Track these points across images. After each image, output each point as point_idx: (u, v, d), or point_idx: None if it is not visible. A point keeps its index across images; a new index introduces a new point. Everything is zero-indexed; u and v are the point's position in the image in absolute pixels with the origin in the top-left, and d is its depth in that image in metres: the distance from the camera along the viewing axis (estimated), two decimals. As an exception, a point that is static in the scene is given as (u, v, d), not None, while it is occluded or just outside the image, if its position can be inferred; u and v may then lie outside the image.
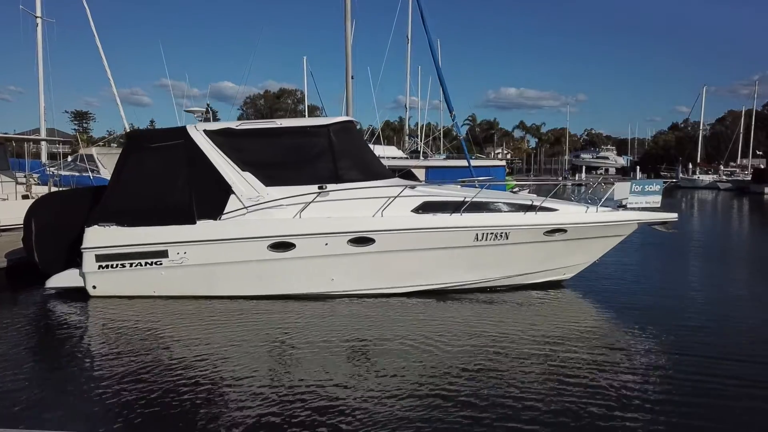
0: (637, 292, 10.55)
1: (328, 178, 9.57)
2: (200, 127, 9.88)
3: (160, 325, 8.31)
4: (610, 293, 10.45)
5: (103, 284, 9.59)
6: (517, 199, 9.93)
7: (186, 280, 9.48)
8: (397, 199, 9.40)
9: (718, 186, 60.70)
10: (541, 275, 10.24)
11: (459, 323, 8.42)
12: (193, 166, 9.62)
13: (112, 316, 8.78)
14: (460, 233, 9.39)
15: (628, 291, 10.64)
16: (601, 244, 10.25)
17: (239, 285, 9.50)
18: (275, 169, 9.69)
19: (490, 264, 9.76)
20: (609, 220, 9.78)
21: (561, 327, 8.26)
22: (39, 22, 23.05)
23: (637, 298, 10.04)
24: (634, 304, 9.66)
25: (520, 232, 9.52)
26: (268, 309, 9.04)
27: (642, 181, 10.12)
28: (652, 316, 8.85)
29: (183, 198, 9.45)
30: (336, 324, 8.39)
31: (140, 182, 9.69)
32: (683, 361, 6.87)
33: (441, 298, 9.67)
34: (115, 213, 9.51)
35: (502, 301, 9.70)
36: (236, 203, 9.48)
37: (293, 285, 9.49)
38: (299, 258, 9.33)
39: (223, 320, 8.48)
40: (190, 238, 9.36)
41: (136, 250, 9.42)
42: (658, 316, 8.81)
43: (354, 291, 9.62)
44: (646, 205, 9.99)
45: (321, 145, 9.83)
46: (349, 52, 14.22)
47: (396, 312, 8.98)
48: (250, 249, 9.32)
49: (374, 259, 9.42)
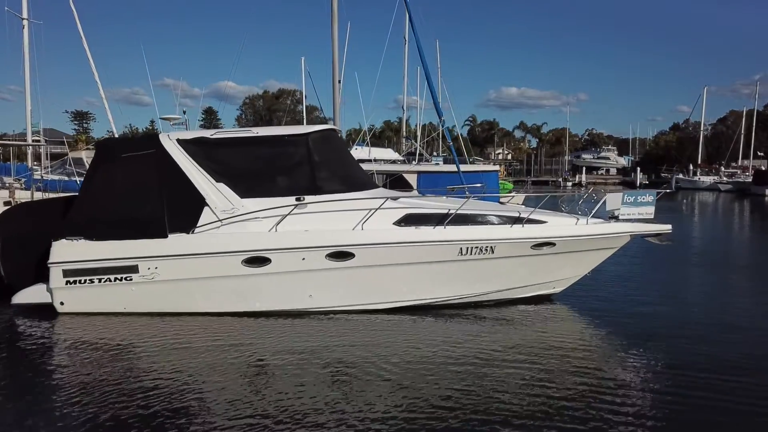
0: (631, 305, 10.14)
1: (306, 190, 9.16)
2: (173, 136, 9.47)
3: (130, 344, 7.97)
4: (603, 307, 10.03)
5: (72, 301, 9.19)
6: (505, 211, 9.51)
7: (157, 296, 9.08)
8: (378, 211, 8.99)
9: (718, 187, 60.31)
10: (529, 289, 9.82)
11: (444, 341, 8.05)
12: (166, 176, 9.21)
13: (80, 334, 8.44)
14: (443, 247, 8.98)
15: (622, 304, 10.24)
16: (592, 257, 9.83)
17: (213, 302, 9.10)
18: (251, 180, 9.29)
19: (475, 278, 9.35)
20: (599, 233, 9.37)
21: (550, 344, 7.93)
22: (25, 24, 22.70)
23: (632, 312, 9.64)
24: (628, 318, 9.28)
25: (506, 246, 9.11)
26: (243, 326, 8.67)
27: (635, 192, 9.69)
28: (646, 330, 8.53)
29: (154, 211, 9.05)
30: (314, 342, 8.02)
31: (110, 194, 9.28)
32: (680, 380, 6.58)
33: (425, 314, 9.26)
34: (84, 226, 9.11)
35: (489, 317, 9.30)
36: (210, 216, 9.08)
37: (269, 301, 9.09)
38: (275, 273, 8.93)
39: (196, 339, 8.12)
40: (162, 253, 8.96)
41: (106, 265, 9.02)
42: (653, 331, 8.49)
43: (333, 308, 9.21)
44: (639, 216, 9.58)
45: (299, 154, 9.42)
46: (335, 57, 13.79)
47: (377, 329, 8.60)
48: (224, 264, 8.92)
49: (354, 274, 9.01)
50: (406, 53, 36.65)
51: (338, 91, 14.46)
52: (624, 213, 9.55)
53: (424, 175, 19.41)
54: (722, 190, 59.25)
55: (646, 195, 9.61)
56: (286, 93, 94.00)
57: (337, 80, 14.14)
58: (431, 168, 20.22)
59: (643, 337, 8.16)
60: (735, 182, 59.70)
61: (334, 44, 13.65)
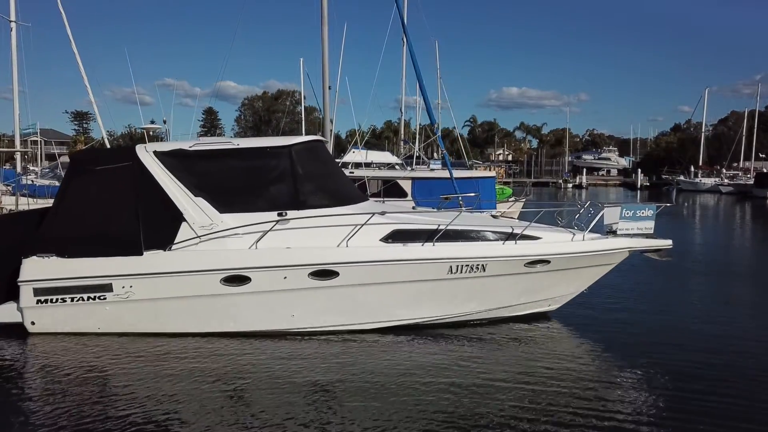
0: (632, 322, 9.79)
1: (288, 205, 8.74)
2: (150, 148, 9.04)
3: (104, 366, 7.66)
4: (600, 324, 9.68)
5: (43, 320, 8.78)
6: (497, 226, 9.08)
7: (132, 316, 8.68)
8: (365, 227, 8.56)
9: (719, 189, 59.77)
10: (523, 307, 9.41)
11: (433, 363, 7.77)
12: (142, 190, 8.79)
13: (51, 355, 8.11)
14: (432, 265, 8.55)
15: (622, 321, 9.88)
16: (589, 273, 9.41)
17: (190, 321, 8.68)
18: (231, 195, 8.86)
19: (466, 297, 8.92)
20: (596, 249, 8.94)
21: (545, 365, 7.68)
22: (13, 27, 22.31)
23: (632, 330, 9.32)
24: (627, 336, 8.98)
25: (498, 264, 8.68)
26: (222, 348, 8.31)
27: (633, 206, 9.25)
28: (648, 350, 8.23)
29: (130, 226, 8.63)
30: (296, 365, 7.66)
31: (83, 208, 8.86)
32: (684, 405, 6.38)
33: (413, 334, 8.86)
34: (56, 242, 8.68)
35: (481, 337, 8.93)
36: (188, 232, 8.66)
37: (249, 322, 8.67)
38: (256, 292, 8.51)
39: (173, 361, 7.80)
40: (137, 271, 8.54)
41: (78, 284, 8.60)
42: (655, 351, 8.17)
43: (317, 328, 8.80)
44: (638, 231, 9.15)
45: (281, 167, 9.00)
46: (326, 62, 13.34)
47: (363, 351, 8.28)
48: (202, 283, 8.51)
49: (339, 293, 8.59)
50: (404, 55, 36.16)
51: (328, 98, 14.04)
52: (622, 227, 9.13)
53: (419, 181, 18.96)
54: (723, 192, 58.70)
55: (646, 209, 9.18)
56: (285, 94, 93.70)
57: (327, 86, 13.71)
58: (426, 174, 19.76)
59: (644, 358, 7.89)
60: (736, 184, 59.14)
61: (324, 51, 13.22)
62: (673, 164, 71.60)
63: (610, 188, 75.33)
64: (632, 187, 71.12)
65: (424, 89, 12.95)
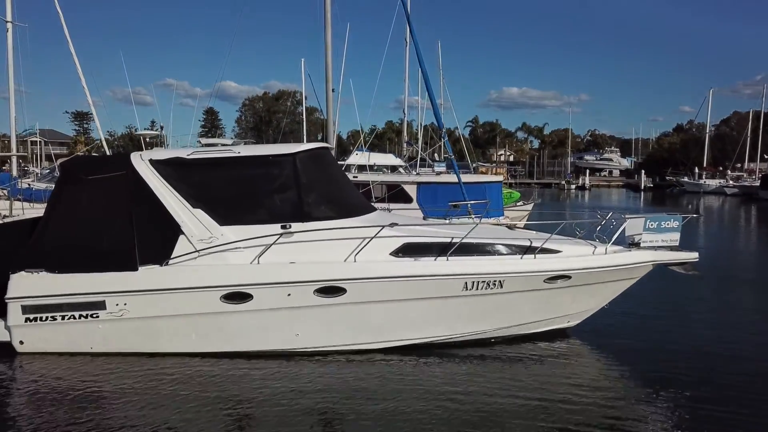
0: (653, 338, 9.35)
1: (292, 216, 8.24)
2: (146, 156, 8.54)
3: (96, 388, 7.28)
4: (621, 341, 9.20)
5: (32, 339, 8.28)
6: (514, 239, 8.55)
7: (127, 335, 8.19)
8: (373, 240, 8.05)
9: (724, 191, 59.22)
10: (541, 324, 8.90)
11: (445, 384, 7.39)
12: (137, 202, 8.30)
13: (40, 377, 7.72)
14: (446, 282, 8.04)
15: (643, 337, 9.43)
16: (610, 289, 8.91)
17: (188, 341, 8.19)
18: (232, 206, 8.37)
19: (481, 315, 8.42)
20: (620, 263, 8.42)
21: (565, 386, 7.32)
22: (9, 27, 21.85)
23: (654, 347, 8.92)
24: (650, 354, 8.58)
25: (516, 280, 8.16)
26: (222, 369, 7.88)
27: (658, 216, 8.73)
28: (671, 370, 7.84)
29: (124, 240, 8.14)
30: (301, 386, 7.28)
31: (75, 221, 8.38)
32: None
33: (424, 354, 8.37)
34: (45, 257, 8.20)
35: (496, 357, 8.47)
36: (186, 246, 8.16)
37: (251, 341, 8.18)
38: (258, 310, 8.02)
39: (170, 383, 7.39)
40: (132, 288, 8.05)
41: (69, 301, 8.11)
42: (678, 370, 7.81)
43: (322, 347, 8.30)
44: (663, 244, 8.64)
45: (285, 176, 8.51)
46: (329, 65, 12.82)
47: (372, 372, 7.85)
48: (201, 300, 8.01)
49: (346, 311, 8.08)
50: (407, 54, 35.72)
51: (332, 100, 13.52)
52: (646, 240, 8.61)
53: (425, 186, 18.45)
54: (728, 194, 58.13)
55: (671, 220, 8.66)
56: (286, 94, 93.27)
57: (331, 89, 13.19)
58: (432, 179, 19.23)
59: (668, 378, 7.53)
60: (742, 186, 58.58)
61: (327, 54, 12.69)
62: (676, 165, 71.02)
63: (613, 189, 74.84)
64: (635, 189, 70.60)
65: (431, 92, 12.51)
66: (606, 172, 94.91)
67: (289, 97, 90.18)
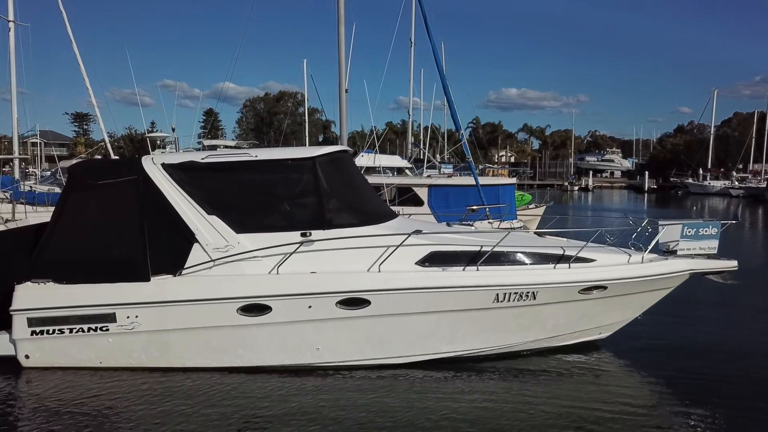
0: (689, 348, 8.98)
1: (313, 223, 7.82)
2: (158, 160, 8.12)
3: (105, 404, 6.94)
4: (654, 353, 8.78)
5: (38, 353, 7.86)
6: (546, 246, 8.14)
7: (138, 349, 7.77)
8: (398, 248, 7.63)
9: (730, 193, 58.91)
10: (572, 336, 8.49)
11: (473, 399, 7.08)
12: (148, 208, 7.88)
13: (47, 393, 7.33)
14: (476, 293, 7.61)
15: (677, 346, 9.06)
16: (645, 298, 8.49)
17: (203, 356, 7.78)
18: (249, 212, 7.97)
19: (512, 328, 8.00)
20: (658, 273, 8.00)
21: (600, 403, 7.00)
22: (11, 26, 21.43)
23: (691, 356, 8.58)
24: (686, 363, 8.22)
25: (550, 292, 7.74)
26: (239, 385, 7.48)
27: (696, 223, 8.32)
28: (709, 379, 7.60)
29: (135, 249, 7.73)
30: (322, 403, 6.93)
31: (83, 228, 7.96)
32: None
33: (451, 368, 7.96)
34: (52, 266, 7.77)
35: (527, 371, 8.06)
36: (200, 255, 7.74)
37: (269, 356, 7.77)
38: (276, 323, 7.60)
39: (184, 399, 7.05)
40: (143, 299, 7.63)
41: (78, 313, 7.68)
42: (715, 378, 7.58)
43: (345, 362, 7.87)
44: (701, 252, 8.23)
45: (305, 181, 8.09)
46: (342, 63, 12.41)
47: (396, 387, 7.45)
48: (217, 312, 7.59)
49: (370, 324, 7.66)
50: (412, 55, 35.38)
51: (345, 101, 13.09)
52: (683, 247, 8.20)
53: (436, 189, 18.02)
54: (734, 195, 57.79)
55: (709, 227, 8.25)
56: (287, 95, 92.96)
57: (345, 89, 12.76)
58: (443, 181, 18.81)
59: (704, 391, 7.25)
60: (747, 188, 58.21)
61: (340, 51, 12.28)
62: (681, 166, 70.68)
63: (616, 191, 74.43)
64: (639, 190, 70.28)
65: (449, 94, 12.03)
66: (608, 173, 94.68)
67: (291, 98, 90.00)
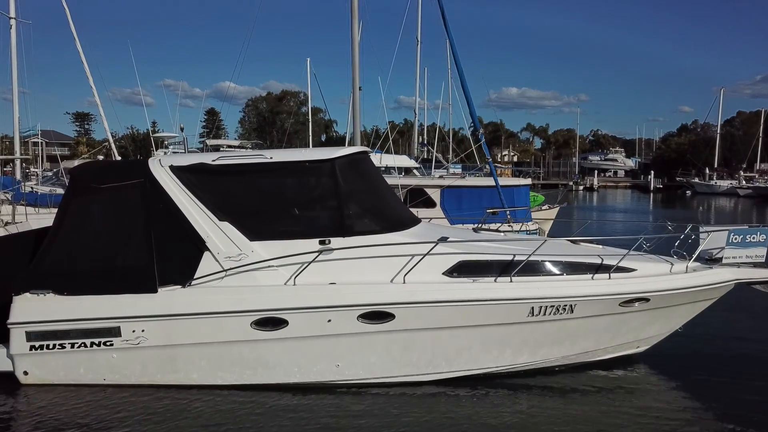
0: (735, 364, 8.43)
1: (332, 230, 7.30)
2: (165, 162, 7.59)
3: (109, 424, 6.55)
4: (697, 367, 8.21)
5: (38, 369, 7.36)
6: (583, 255, 7.59)
7: (144, 365, 7.27)
8: (425, 258, 7.09)
9: (737, 192, 58.37)
10: (609, 351, 7.96)
11: (505, 419, 6.62)
12: (155, 213, 7.36)
13: (47, 412, 6.91)
14: (509, 307, 7.07)
15: (724, 361, 8.52)
16: (687, 310, 7.95)
17: (214, 372, 7.28)
18: (263, 219, 7.46)
19: (547, 343, 7.47)
20: (704, 284, 7.46)
21: (635, 425, 6.57)
22: (13, 24, 20.94)
23: (734, 371, 8.05)
24: (728, 378, 7.76)
25: (589, 304, 7.20)
26: (253, 404, 7.03)
27: (743, 229, 7.78)
28: (755, 402, 7.09)
29: (141, 257, 7.22)
30: (342, 423, 6.56)
31: (86, 235, 7.46)
32: None
33: (480, 385, 7.45)
34: (53, 277, 7.26)
35: (563, 388, 7.57)
36: (211, 264, 7.21)
37: (285, 372, 7.25)
38: (293, 338, 7.07)
39: (194, 419, 6.67)
40: (150, 312, 7.12)
41: (80, 327, 7.18)
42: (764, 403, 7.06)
43: (366, 379, 7.35)
44: (747, 260, 7.70)
45: (323, 185, 7.58)
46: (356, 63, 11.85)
47: (422, 407, 6.98)
48: (229, 326, 7.07)
49: (394, 339, 7.13)
50: (418, 54, 34.95)
51: (359, 99, 12.55)
52: (729, 255, 7.67)
53: (449, 190, 17.48)
54: (741, 195, 57.25)
55: (757, 233, 7.71)
56: (289, 95, 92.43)
57: (358, 87, 12.21)
58: (457, 182, 18.26)
59: (749, 416, 6.70)
60: (755, 187, 57.69)
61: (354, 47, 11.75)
62: (686, 166, 70.17)
63: (621, 191, 73.83)
64: (644, 190, 69.70)
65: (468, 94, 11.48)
66: (611, 172, 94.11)
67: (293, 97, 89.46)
